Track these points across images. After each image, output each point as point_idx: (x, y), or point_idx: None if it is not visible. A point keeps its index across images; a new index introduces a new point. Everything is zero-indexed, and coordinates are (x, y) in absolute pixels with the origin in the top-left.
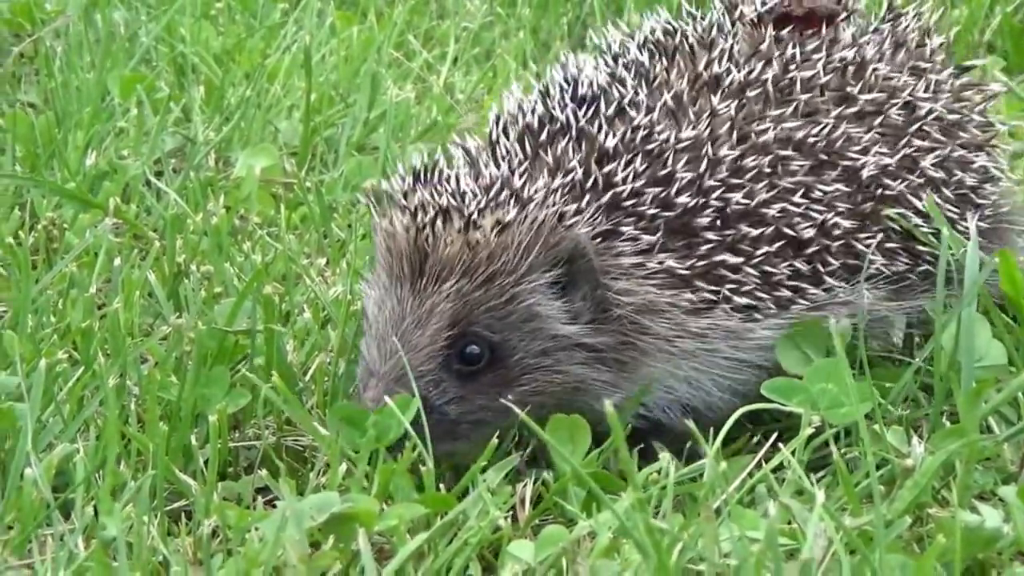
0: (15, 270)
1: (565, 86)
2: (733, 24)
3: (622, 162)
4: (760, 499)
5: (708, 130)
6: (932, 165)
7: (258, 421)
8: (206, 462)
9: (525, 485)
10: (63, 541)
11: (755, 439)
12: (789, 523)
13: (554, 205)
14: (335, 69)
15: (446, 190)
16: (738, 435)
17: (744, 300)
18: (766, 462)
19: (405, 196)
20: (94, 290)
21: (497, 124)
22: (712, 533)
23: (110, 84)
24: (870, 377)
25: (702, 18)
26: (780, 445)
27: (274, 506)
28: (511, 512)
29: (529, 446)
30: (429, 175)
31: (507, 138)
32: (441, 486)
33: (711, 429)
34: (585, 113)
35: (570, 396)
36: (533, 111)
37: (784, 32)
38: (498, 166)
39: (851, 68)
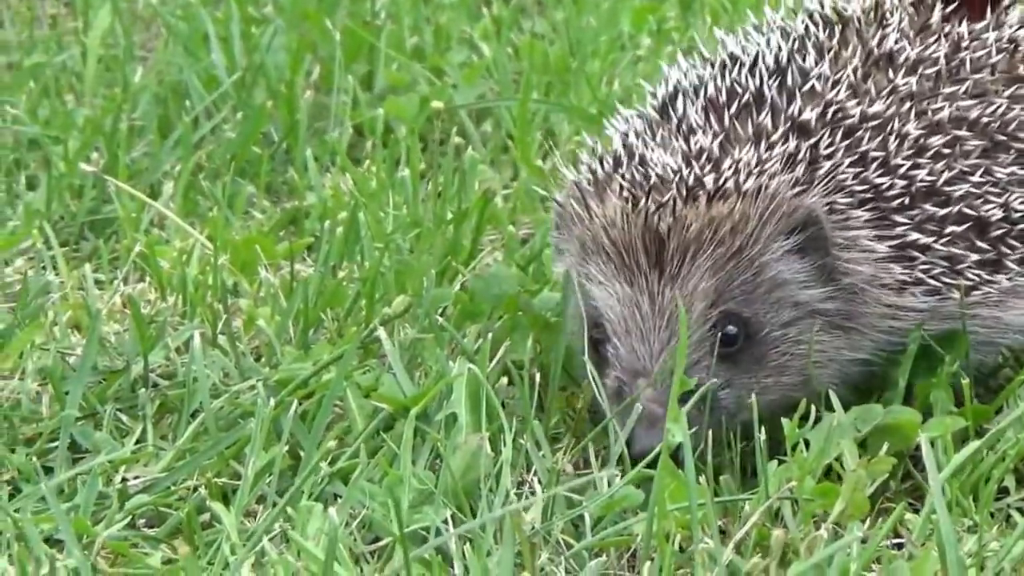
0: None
1: (744, 58)
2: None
3: (822, 137)
4: None
5: (891, 107)
6: None
7: None
8: None
9: None
10: (608, 452)
11: None
12: None
13: (778, 175)
14: None
15: (654, 169)
16: None
17: (933, 283)
18: None
19: (610, 180)
20: None
21: (655, 97)
22: None
23: (621, 16)
24: None
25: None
26: None
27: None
28: None
29: None
30: (626, 157)
31: (686, 110)
32: None
33: None
34: (773, 85)
35: (801, 379)
36: (706, 84)
37: (947, 13)
38: (686, 140)
39: (1021, 50)
